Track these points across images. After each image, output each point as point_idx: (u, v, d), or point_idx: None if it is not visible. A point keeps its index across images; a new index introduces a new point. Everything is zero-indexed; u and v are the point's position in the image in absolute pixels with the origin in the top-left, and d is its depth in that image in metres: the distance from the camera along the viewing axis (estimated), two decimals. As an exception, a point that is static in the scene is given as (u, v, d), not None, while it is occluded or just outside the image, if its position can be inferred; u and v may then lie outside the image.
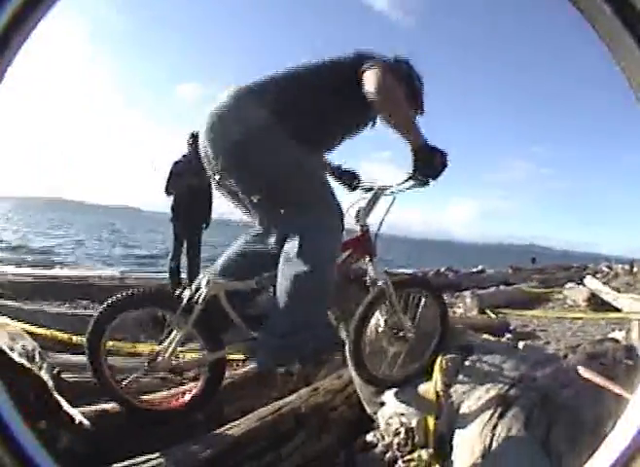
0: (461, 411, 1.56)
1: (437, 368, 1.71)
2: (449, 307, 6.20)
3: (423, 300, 2.00)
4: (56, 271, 10.53)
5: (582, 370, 1.65)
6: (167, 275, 5.74)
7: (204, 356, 1.70)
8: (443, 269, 13.06)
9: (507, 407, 1.47)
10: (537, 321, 6.20)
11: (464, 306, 6.58)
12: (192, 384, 1.96)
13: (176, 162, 5.62)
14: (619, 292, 7.75)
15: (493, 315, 6.13)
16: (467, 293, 6.79)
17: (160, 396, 1.91)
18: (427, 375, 1.81)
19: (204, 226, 5.77)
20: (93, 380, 1.66)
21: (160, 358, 1.64)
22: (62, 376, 1.97)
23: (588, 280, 9.00)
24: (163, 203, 5.62)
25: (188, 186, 5.39)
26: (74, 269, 12.12)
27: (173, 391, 1.97)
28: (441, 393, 1.62)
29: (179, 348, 1.69)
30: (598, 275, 12.03)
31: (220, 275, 1.76)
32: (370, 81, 1.57)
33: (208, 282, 1.65)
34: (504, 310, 6.57)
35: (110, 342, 1.72)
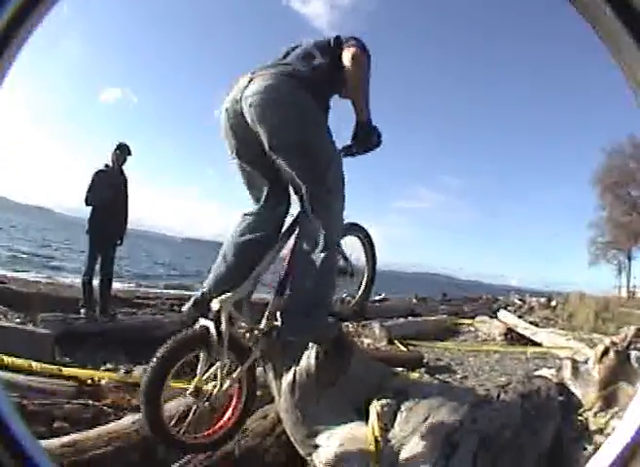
0: (402, 455, 1.53)
1: (372, 412, 1.67)
2: (357, 337, 6.21)
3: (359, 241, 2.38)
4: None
5: None
6: (81, 290, 5.51)
7: (240, 370, 1.68)
8: (344, 296, 12.68)
9: (452, 450, 1.47)
10: (450, 354, 5.99)
11: (372, 337, 6.28)
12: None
13: (98, 172, 5.36)
14: (537, 326, 7.78)
15: (403, 347, 5.86)
16: (375, 323, 6.55)
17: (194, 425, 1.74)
18: (360, 416, 1.76)
19: (119, 242, 5.56)
20: (147, 428, 1.55)
21: (214, 391, 1.61)
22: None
23: (503, 314, 8.98)
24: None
25: (109, 198, 5.21)
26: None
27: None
28: (379, 438, 1.58)
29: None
30: (510, 308, 12.42)
31: (220, 289, 1.73)
32: (350, 54, 1.78)
33: (220, 304, 1.63)
34: (414, 341, 6.32)
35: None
